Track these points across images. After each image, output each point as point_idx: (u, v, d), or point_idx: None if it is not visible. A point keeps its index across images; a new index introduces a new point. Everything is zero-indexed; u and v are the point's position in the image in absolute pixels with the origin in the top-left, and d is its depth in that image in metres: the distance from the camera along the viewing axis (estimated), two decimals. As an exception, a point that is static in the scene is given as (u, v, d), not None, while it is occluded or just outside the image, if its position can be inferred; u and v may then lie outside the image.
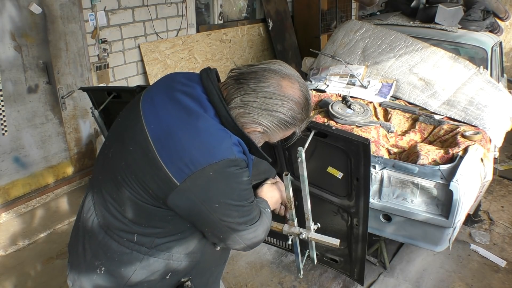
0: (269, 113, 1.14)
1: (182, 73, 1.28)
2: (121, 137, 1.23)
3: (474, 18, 4.06)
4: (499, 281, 2.95)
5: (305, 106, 1.18)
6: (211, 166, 1.08)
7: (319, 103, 3.48)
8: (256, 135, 1.20)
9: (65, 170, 3.84)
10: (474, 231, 3.47)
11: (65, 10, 3.50)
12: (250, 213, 1.22)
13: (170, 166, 1.09)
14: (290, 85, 1.15)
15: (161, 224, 1.21)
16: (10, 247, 3.12)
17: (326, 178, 1.74)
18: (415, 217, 2.48)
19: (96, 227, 1.27)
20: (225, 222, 1.17)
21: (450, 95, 3.31)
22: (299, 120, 1.19)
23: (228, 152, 1.10)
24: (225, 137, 1.12)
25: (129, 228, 1.22)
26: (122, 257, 1.24)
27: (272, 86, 1.13)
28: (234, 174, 1.12)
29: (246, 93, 1.14)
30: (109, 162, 1.25)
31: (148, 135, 1.14)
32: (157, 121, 1.15)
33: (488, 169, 2.78)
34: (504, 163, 4.58)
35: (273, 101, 1.13)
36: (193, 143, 1.09)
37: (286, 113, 1.15)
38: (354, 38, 4.01)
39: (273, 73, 1.15)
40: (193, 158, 1.08)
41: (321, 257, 2.04)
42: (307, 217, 1.64)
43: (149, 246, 1.23)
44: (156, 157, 1.10)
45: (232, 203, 1.15)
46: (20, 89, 3.33)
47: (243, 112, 1.15)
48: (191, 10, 4.78)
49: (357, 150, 1.53)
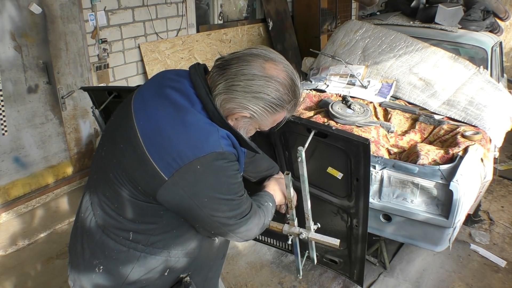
0: (253, 96, 1.12)
1: (173, 70, 1.28)
2: (113, 136, 1.24)
3: (474, 18, 4.06)
4: (499, 281, 2.95)
5: (291, 87, 1.16)
6: (199, 159, 1.08)
7: (319, 103, 3.48)
8: (244, 121, 1.18)
9: (65, 170, 3.84)
10: (474, 231, 3.47)
11: (65, 10, 3.50)
12: (240, 207, 1.20)
13: (158, 161, 1.10)
14: (274, 66, 1.14)
15: (154, 219, 1.21)
16: (10, 247, 3.12)
17: (326, 178, 1.74)
18: (415, 217, 2.48)
19: (93, 227, 1.27)
20: (215, 217, 1.16)
21: (450, 95, 3.31)
22: (286, 102, 1.16)
23: (216, 146, 1.10)
24: (212, 130, 1.12)
25: (123, 226, 1.22)
26: (119, 255, 1.24)
27: (255, 68, 1.12)
28: (222, 168, 1.12)
29: (229, 77, 1.13)
30: (102, 161, 1.27)
31: (137, 131, 1.14)
32: (146, 117, 1.16)
33: (488, 169, 2.78)
34: (504, 163, 4.58)
35: (257, 82, 1.11)
36: (180, 137, 1.10)
37: (271, 94, 1.13)
38: (354, 38, 4.01)
39: (256, 56, 1.14)
40: (181, 152, 1.08)
41: (321, 258, 2.04)
42: (307, 217, 1.64)
43: (145, 243, 1.23)
44: (145, 153, 1.11)
45: (221, 197, 1.14)
46: (20, 89, 3.33)
47: (228, 97, 1.13)
48: (191, 10, 4.78)
49: (357, 150, 1.53)
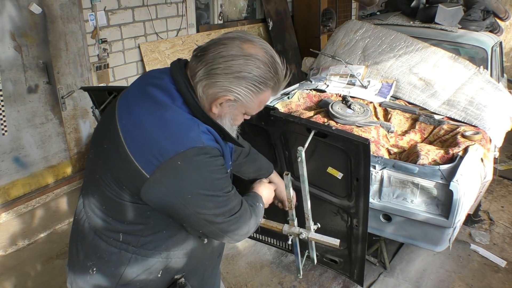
0: (235, 76, 1.10)
1: (158, 69, 1.28)
2: (99, 137, 1.25)
3: (474, 18, 4.06)
4: (499, 281, 2.95)
5: (272, 64, 1.14)
6: (179, 155, 1.07)
7: (319, 103, 3.48)
8: (229, 106, 1.16)
9: (65, 170, 3.84)
10: (474, 231, 3.47)
11: (65, 10, 3.50)
12: (228, 204, 1.17)
13: (139, 159, 1.09)
14: (252, 46, 1.12)
15: (142, 220, 1.20)
16: (10, 247, 3.12)
17: (326, 178, 1.74)
18: (415, 217, 2.48)
19: (87, 228, 1.28)
20: (201, 215, 1.14)
21: (450, 95, 3.31)
22: (269, 79, 1.14)
23: (196, 140, 1.09)
24: (193, 125, 1.11)
25: (113, 228, 1.22)
26: (111, 257, 1.24)
27: (233, 49, 1.10)
28: (204, 163, 1.10)
29: (208, 62, 1.11)
30: (90, 163, 1.27)
31: (119, 130, 1.14)
32: (128, 116, 1.16)
33: (488, 169, 2.78)
34: (504, 163, 4.58)
35: (236, 62, 1.09)
36: (161, 134, 1.09)
37: (253, 72, 1.10)
38: (354, 38, 4.01)
39: (232, 39, 1.13)
40: (161, 149, 1.08)
41: (321, 257, 2.04)
42: (307, 217, 1.64)
43: (136, 245, 1.23)
44: (126, 151, 1.11)
45: (205, 193, 1.12)
46: (20, 89, 3.33)
47: (209, 82, 1.12)
48: (191, 10, 4.78)
49: (357, 150, 1.53)
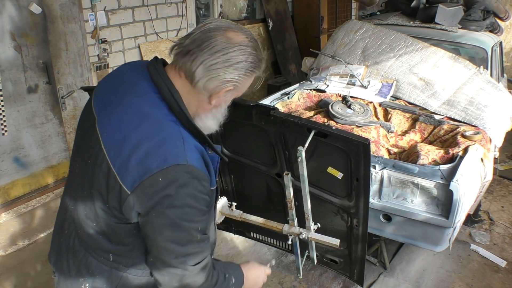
0: (235, 67, 1.12)
1: (128, 69, 1.25)
2: (82, 150, 1.21)
3: (474, 18, 4.06)
4: (499, 281, 2.95)
5: (257, 46, 1.18)
6: (161, 172, 1.03)
7: (319, 103, 3.48)
8: (227, 95, 1.18)
9: (65, 170, 3.83)
10: (474, 231, 3.47)
11: (65, 10, 3.50)
12: (186, 246, 1.09)
13: (122, 174, 1.06)
14: (235, 34, 1.15)
15: (129, 240, 1.17)
16: (10, 247, 3.12)
17: (326, 178, 1.74)
18: (415, 217, 2.48)
19: (77, 244, 1.25)
20: (157, 238, 1.08)
21: (450, 95, 3.31)
22: (259, 61, 1.18)
23: (180, 158, 1.06)
24: (178, 141, 1.08)
25: (103, 247, 1.20)
26: (102, 274, 1.22)
27: (223, 41, 1.12)
28: (183, 183, 1.05)
29: (204, 59, 1.11)
30: (75, 178, 1.23)
31: (102, 144, 1.11)
32: (109, 128, 1.12)
33: (488, 169, 2.78)
34: (504, 163, 4.58)
35: (232, 53, 1.11)
36: (144, 149, 1.06)
37: (249, 59, 1.14)
38: (354, 38, 4.01)
39: (214, 31, 1.13)
40: (145, 164, 1.04)
41: (321, 257, 2.03)
42: (307, 217, 1.64)
43: (126, 264, 1.21)
44: (110, 167, 1.08)
45: (170, 216, 1.05)
46: (20, 89, 3.32)
47: (210, 78, 1.12)
48: (191, 10, 4.77)
49: (357, 150, 1.53)
